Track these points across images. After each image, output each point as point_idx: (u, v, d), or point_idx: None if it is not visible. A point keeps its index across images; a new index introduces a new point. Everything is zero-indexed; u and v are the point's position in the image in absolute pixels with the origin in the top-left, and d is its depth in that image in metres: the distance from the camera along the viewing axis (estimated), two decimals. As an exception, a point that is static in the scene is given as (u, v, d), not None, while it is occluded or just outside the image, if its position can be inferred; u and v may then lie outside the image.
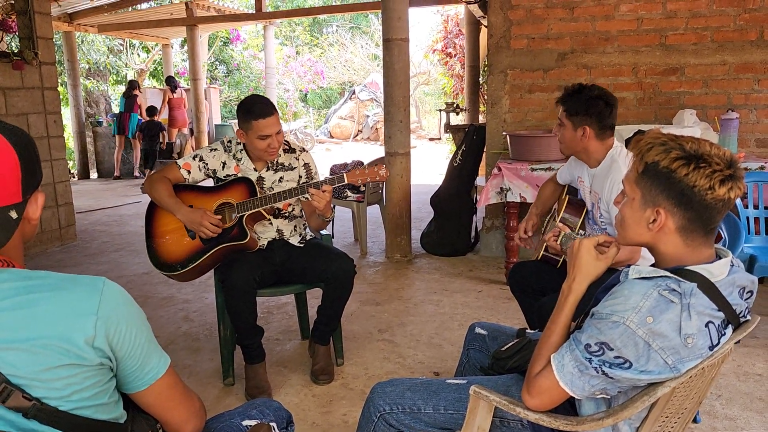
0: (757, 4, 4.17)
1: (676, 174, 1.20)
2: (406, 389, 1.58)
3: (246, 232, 2.59)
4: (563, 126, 2.35)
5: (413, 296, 4.04)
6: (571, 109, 2.31)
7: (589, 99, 2.28)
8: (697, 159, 1.19)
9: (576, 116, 2.29)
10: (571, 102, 2.31)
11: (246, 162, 2.73)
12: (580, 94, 2.29)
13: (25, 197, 1.06)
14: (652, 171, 1.24)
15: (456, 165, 5.10)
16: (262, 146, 2.60)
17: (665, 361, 1.19)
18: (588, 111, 2.27)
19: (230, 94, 19.16)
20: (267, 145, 2.60)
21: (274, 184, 2.76)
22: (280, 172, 2.78)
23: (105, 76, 15.18)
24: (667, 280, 1.21)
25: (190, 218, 2.59)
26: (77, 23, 10.65)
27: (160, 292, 4.20)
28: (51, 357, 0.98)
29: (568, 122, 2.32)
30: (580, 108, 2.28)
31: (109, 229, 6.41)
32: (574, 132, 2.31)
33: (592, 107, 2.27)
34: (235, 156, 2.74)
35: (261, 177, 2.74)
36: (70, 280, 1.04)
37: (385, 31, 4.69)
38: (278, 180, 2.77)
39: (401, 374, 2.88)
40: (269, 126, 2.57)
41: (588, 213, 2.43)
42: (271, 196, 2.57)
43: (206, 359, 3.09)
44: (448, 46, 11.33)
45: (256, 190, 2.61)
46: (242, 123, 2.61)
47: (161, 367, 1.14)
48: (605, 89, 2.33)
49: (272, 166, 2.76)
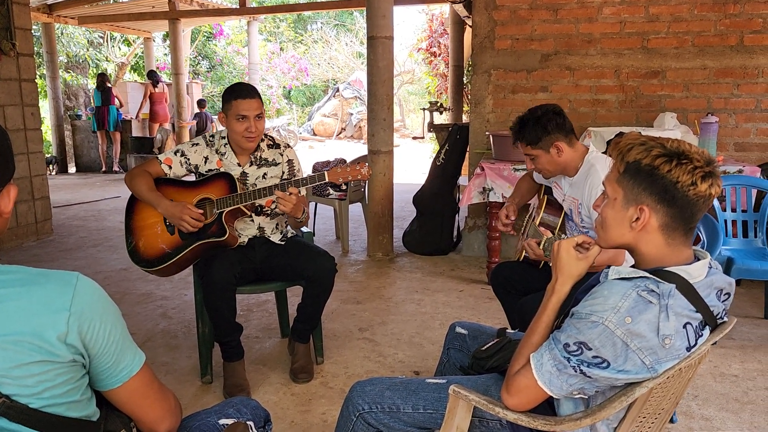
0: (737, 10, 4.23)
1: (658, 170, 1.21)
2: (385, 388, 1.57)
3: (225, 229, 2.56)
4: (536, 157, 2.34)
5: (394, 295, 4.03)
6: (533, 138, 2.29)
7: (540, 120, 2.28)
8: (678, 156, 1.21)
9: (541, 141, 2.29)
10: (528, 133, 2.30)
11: (230, 156, 2.69)
12: (530, 122, 2.30)
13: None
14: (634, 169, 1.24)
15: (439, 164, 5.10)
16: (240, 129, 2.57)
17: (643, 361, 1.19)
18: (547, 129, 2.27)
19: (213, 90, 19.00)
20: (245, 128, 2.57)
21: (258, 180, 2.73)
22: (264, 168, 2.75)
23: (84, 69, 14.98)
24: (646, 281, 1.21)
25: (170, 212, 2.55)
26: (57, 14, 10.49)
27: (138, 289, 4.14)
28: (22, 353, 0.96)
29: (538, 151, 2.31)
30: (540, 132, 2.28)
31: (86, 224, 6.32)
32: (549, 155, 2.31)
33: (549, 124, 2.27)
34: (218, 150, 2.71)
35: (244, 172, 2.71)
36: (43, 275, 1.02)
37: (370, 28, 4.67)
38: (262, 176, 2.74)
39: (381, 373, 2.87)
40: (249, 107, 2.56)
41: (567, 216, 2.44)
42: (250, 193, 2.54)
43: (184, 357, 3.05)
44: (432, 45, 11.34)
45: (237, 186, 2.58)
46: (224, 104, 2.60)
47: (135, 364, 1.12)
48: (545, 104, 2.35)
49: (256, 161, 2.73)
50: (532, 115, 2.30)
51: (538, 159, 2.34)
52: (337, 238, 5.53)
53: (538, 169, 2.39)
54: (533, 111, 2.31)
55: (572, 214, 2.39)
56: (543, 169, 2.38)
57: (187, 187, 2.65)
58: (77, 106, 13.32)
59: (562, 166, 2.35)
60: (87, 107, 13.16)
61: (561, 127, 2.29)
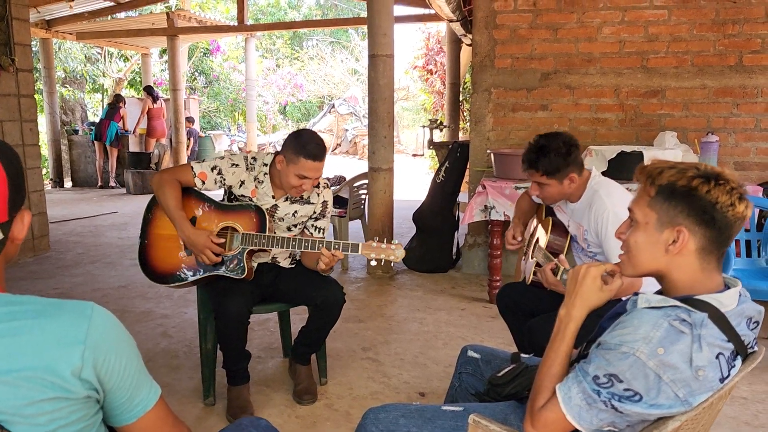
0: (736, 30, 4.26)
1: (697, 191, 1.19)
2: (399, 416, 1.54)
3: (245, 267, 2.47)
4: (546, 185, 2.28)
5: (396, 313, 4.00)
6: (551, 169, 2.22)
7: (560, 151, 2.21)
8: (715, 177, 1.19)
9: (558, 173, 2.24)
10: (547, 163, 2.22)
11: (267, 187, 2.59)
12: (551, 153, 2.22)
13: (11, 216, 1.00)
14: (668, 191, 1.22)
15: (439, 182, 5.10)
16: (295, 184, 2.47)
17: (676, 394, 1.16)
18: (567, 161, 2.22)
19: (209, 105, 19.01)
20: (300, 185, 2.48)
21: (287, 216, 2.64)
22: (297, 205, 2.65)
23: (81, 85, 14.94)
24: (677, 310, 1.19)
25: (191, 240, 2.45)
26: (55, 30, 10.49)
27: (137, 306, 4.10)
28: (35, 390, 0.91)
29: (551, 180, 2.26)
30: (560, 163, 2.22)
31: (83, 240, 6.27)
32: (561, 185, 2.27)
33: (570, 156, 2.22)
34: (257, 177, 2.60)
35: (276, 205, 2.61)
36: (56, 306, 0.97)
37: (371, 46, 4.69)
38: (293, 213, 2.65)
39: (386, 394, 2.83)
40: (315, 170, 2.45)
41: (572, 238, 2.43)
42: (280, 239, 2.44)
43: (186, 377, 3.01)
44: (429, 63, 11.41)
45: (266, 225, 2.49)
46: (290, 153, 2.45)
47: (151, 398, 1.08)
48: (561, 132, 2.29)
49: (290, 198, 2.64)
50: (551, 145, 2.22)
51: (548, 188, 2.29)
52: (337, 256, 5.49)
53: (544, 196, 2.34)
54: (552, 140, 2.23)
55: (577, 239, 2.38)
56: (549, 197, 2.33)
57: (215, 208, 2.56)
58: (74, 121, 13.28)
59: (567, 195, 2.33)
60: (84, 122, 13.13)
61: (577, 159, 2.26)
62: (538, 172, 2.26)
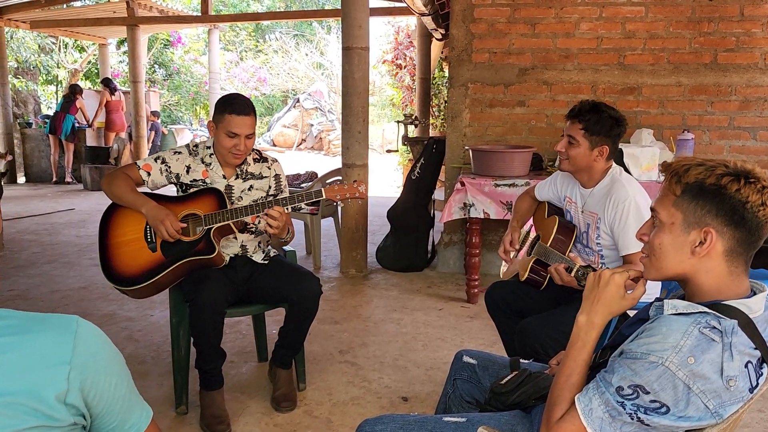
0: (711, 29, 4.28)
1: (726, 190, 1.12)
2: (398, 428, 1.44)
3: (213, 246, 2.39)
4: (576, 144, 2.22)
5: (372, 314, 3.89)
6: (593, 128, 2.18)
7: (611, 120, 2.18)
8: (745, 175, 1.12)
9: (597, 136, 2.18)
10: (593, 121, 2.18)
11: (216, 167, 2.55)
12: (602, 114, 2.18)
13: None
14: (696, 190, 1.15)
15: (414, 178, 5.00)
16: (228, 145, 2.44)
17: (706, 405, 1.09)
18: (610, 133, 2.18)
19: (170, 98, 18.52)
20: (233, 145, 2.44)
21: (243, 193, 2.59)
22: (250, 181, 2.61)
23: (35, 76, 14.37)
24: (707, 317, 1.11)
25: (154, 213, 2.37)
26: (7, 18, 10.01)
27: (99, 309, 3.89)
28: (15, 418, 0.79)
29: (585, 141, 2.20)
30: (603, 128, 2.17)
31: (39, 239, 5.96)
32: (590, 151, 2.21)
33: (614, 129, 2.18)
34: (203, 160, 2.55)
35: (230, 185, 2.57)
36: (39, 321, 0.85)
37: (345, 38, 4.56)
38: (247, 189, 2.60)
39: (368, 399, 2.72)
40: (242, 125, 2.42)
41: (578, 236, 2.35)
42: (241, 209, 2.39)
43: (155, 385, 2.84)
44: (398, 57, 11.30)
45: (226, 202, 2.43)
46: (216, 114, 2.46)
47: (143, 421, 0.97)
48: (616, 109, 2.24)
49: (242, 175, 2.59)
50: (609, 110, 2.19)
51: (576, 148, 2.22)
52: (308, 254, 5.35)
53: (567, 154, 2.25)
54: (608, 108, 2.20)
55: (589, 229, 2.30)
56: (570, 158, 2.25)
57: (172, 201, 2.47)
58: (27, 114, 12.75)
59: (585, 169, 2.27)
60: (38, 115, 12.61)
61: (618, 139, 2.22)
62: (579, 124, 2.20)
